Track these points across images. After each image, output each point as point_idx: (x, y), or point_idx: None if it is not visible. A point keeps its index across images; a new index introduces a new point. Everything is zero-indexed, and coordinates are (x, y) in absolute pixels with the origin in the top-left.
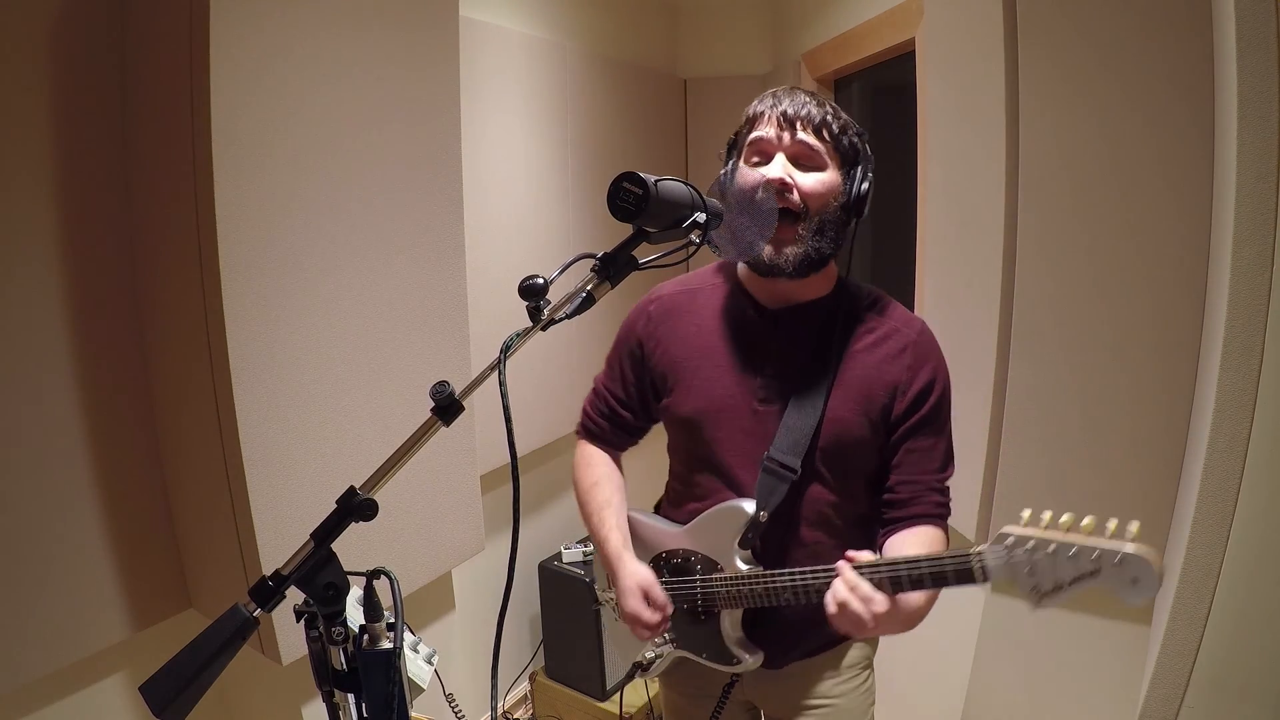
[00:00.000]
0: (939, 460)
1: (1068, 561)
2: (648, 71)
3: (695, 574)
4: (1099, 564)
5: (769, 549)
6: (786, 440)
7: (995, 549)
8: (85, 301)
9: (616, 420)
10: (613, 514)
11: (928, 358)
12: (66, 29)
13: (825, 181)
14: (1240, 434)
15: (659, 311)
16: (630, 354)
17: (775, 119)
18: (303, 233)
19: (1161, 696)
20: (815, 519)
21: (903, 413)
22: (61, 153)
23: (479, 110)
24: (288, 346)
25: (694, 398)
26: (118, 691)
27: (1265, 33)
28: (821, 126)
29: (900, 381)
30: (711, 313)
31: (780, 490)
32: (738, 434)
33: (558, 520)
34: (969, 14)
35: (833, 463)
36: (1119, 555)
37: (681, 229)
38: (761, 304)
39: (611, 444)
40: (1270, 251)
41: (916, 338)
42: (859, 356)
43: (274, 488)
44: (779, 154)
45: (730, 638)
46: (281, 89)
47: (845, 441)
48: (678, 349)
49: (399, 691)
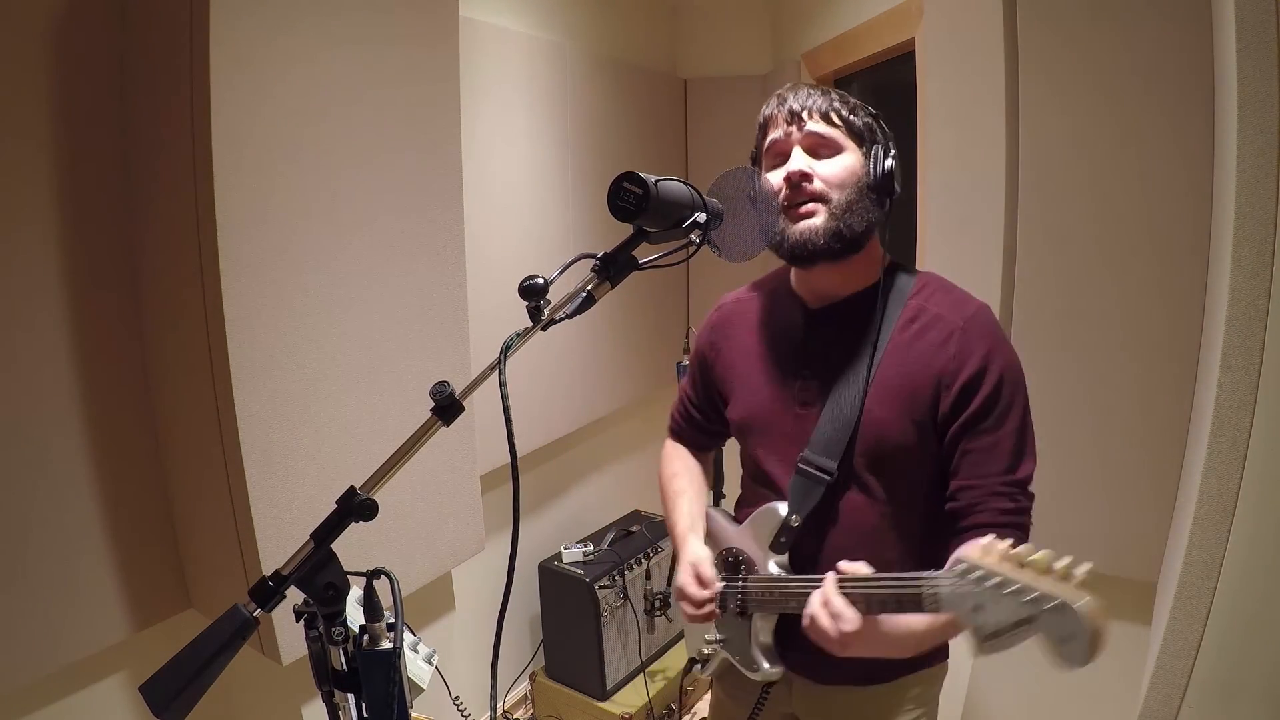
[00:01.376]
0: (1004, 459)
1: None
2: (648, 71)
3: (740, 573)
4: (1036, 608)
5: (803, 555)
6: (821, 442)
7: (948, 576)
8: (85, 302)
9: (693, 421)
10: (685, 502)
11: (977, 344)
12: (66, 29)
13: (845, 165)
14: (1240, 434)
15: (719, 320)
16: (699, 363)
17: (783, 118)
18: (303, 233)
19: (1161, 696)
20: (855, 528)
21: (951, 408)
22: (61, 153)
23: (479, 110)
24: (288, 347)
25: (742, 404)
26: (118, 691)
27: (1265, 33)
28: (829, 112)
29: (945, 373)
30: (765, 318)
31: (815, 494)
32: (778, 438)
33: (558, 520)
34: (969, 14)
35: (875, 467)
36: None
37: (681, 229)
38: (808, 304)
39: (691, 444)
40: (1270, 251)
41: (964, 324)
42: (899, 350)
43: (274, 488)
44: (795, 148)
45: (756, 642)
46: (281, 89)
47: (886, 443)
48: (734, 356)
49: (399, 691)
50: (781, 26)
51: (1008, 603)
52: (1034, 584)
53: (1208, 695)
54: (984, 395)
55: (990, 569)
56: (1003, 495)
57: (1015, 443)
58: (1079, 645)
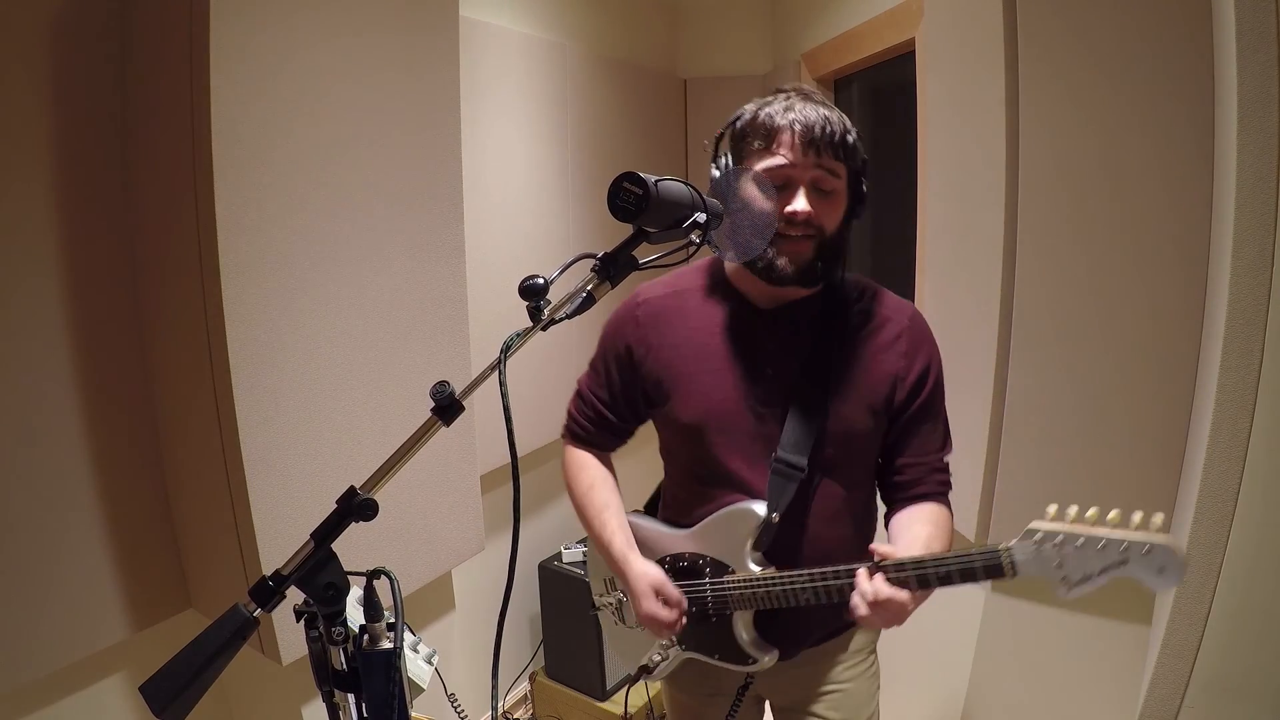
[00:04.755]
0: (939, 440)
1: (1096, 554)
2: (648, 71)
3: (705, 577)
4: (1127, 555)
5: (780, 549)
6: (791, 440)
7: (1024, 544)
8: (85, 302)
9: (603, 424)
10: (613, 516)
11: (921, 344)
12: (66, 29)
13: (839, 204)
14: (1240, 434)
15: (647, 316)
16: (617, 359)
17: (797, 142)
18: (303, 233)
19: (1161, 696)
20: (826, 515)
21: (904, 400)
22: (61, 153)
23: (479, 110)
24: (288, 347)
25: (695, 405)
26: (118, 691)
27: (1265, 33)
28: (840, 145)
29: (898, 370)
30: (704, 315)
31: (790, 490)
32: (742, 438)
33: (558, 520)
34: (969, 14)
35: (840, 457)
36: (1147, 546)
37: (681, 229)
38: (754, 303)
39: (599, 446)
40: (1270, 251)
41: (909, 324)
42: (856, 348)
43: (274, 488)
44: (801, 188)
45: (744, 639)
46: (281, 89)
47: (851, 434)
48: (671, 355)
49: (399, 691)
50: (781, 26)
51: (1096, 556)
52: (1121, 536)
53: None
54: (930, 388)
55: (1071, 532)
56: (938, 470)
57: (945, 426)
58: (1174, 571)
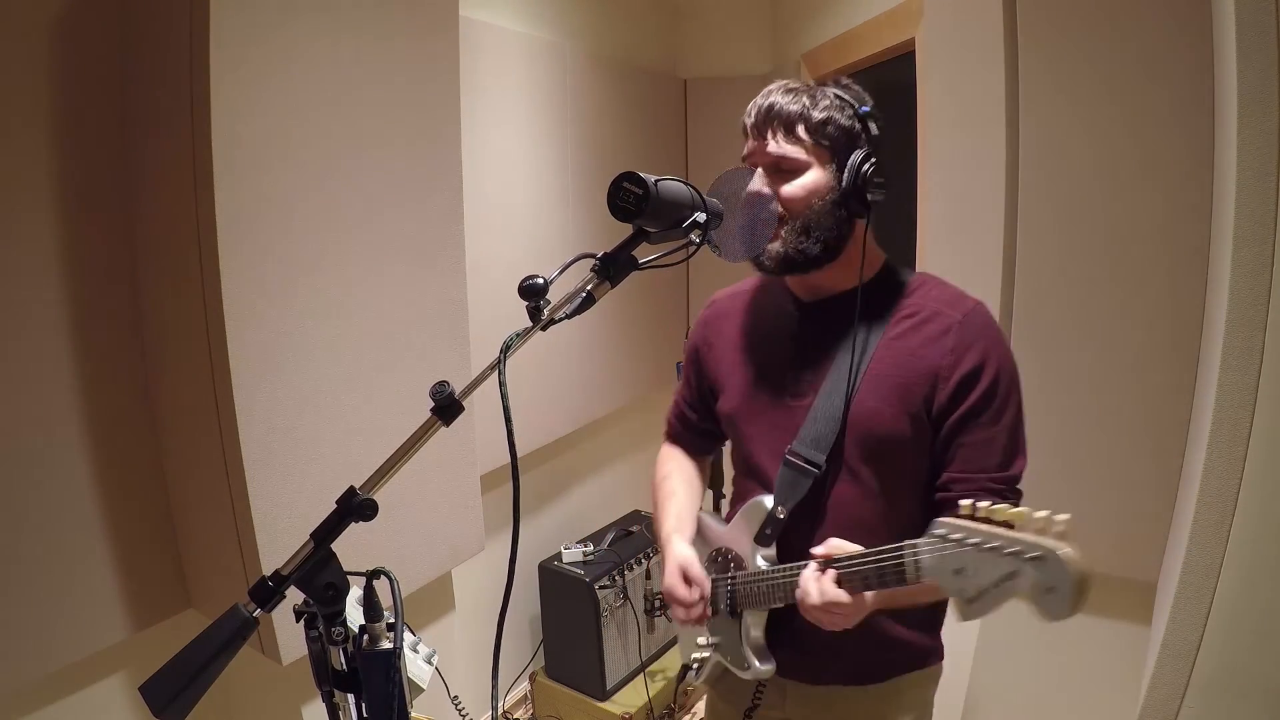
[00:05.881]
0: (998, 455)
1: (989, 558)
2: (648, 72)
3: (729, 571)
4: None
5: (791, 549)
6: (810, 434)
7: (927, 542)
8: (85, 302)
9: (688, 422)
10: (673, 505)
11: (976, 339)
12: (66, 29)
13: (806, 185)
14: (1240, 433)
15: (711, 316)
16: (691, 360)
17: (751, 128)
18: (302, 233)
19: (1161, 696)
20: (844, 521)
21: (947, 401)
22: (61, 153)
23: (479, 110)
24: (287, 347)
25: (732, 396)
26: (118, 691)
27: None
28: (795, 124)
29: (941, 367)
30: (754, 311)
31: (802, 486)
32: (767, 429)
33: (558, 520)
34: (969, 14)
35: (867, 460)
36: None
37: (681, 229)
38: (799, 297)
39: (689, 445)
40: (1270, 251)
41: (962, 319)
42: (894, 343)
43: (274, 488)
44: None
45: (747, 640)
46: (281, 89)
47: (877, 435)
48: (723, 350)
49: (399, 691)
50: (781, 26)
51: (989, 561)
52: (1014, 538)
53: (1208, 695)
54: (982, 389)
55: (969, 529)
56: (994, 491)
57: (1009, 439)
58: (1061, 595)
